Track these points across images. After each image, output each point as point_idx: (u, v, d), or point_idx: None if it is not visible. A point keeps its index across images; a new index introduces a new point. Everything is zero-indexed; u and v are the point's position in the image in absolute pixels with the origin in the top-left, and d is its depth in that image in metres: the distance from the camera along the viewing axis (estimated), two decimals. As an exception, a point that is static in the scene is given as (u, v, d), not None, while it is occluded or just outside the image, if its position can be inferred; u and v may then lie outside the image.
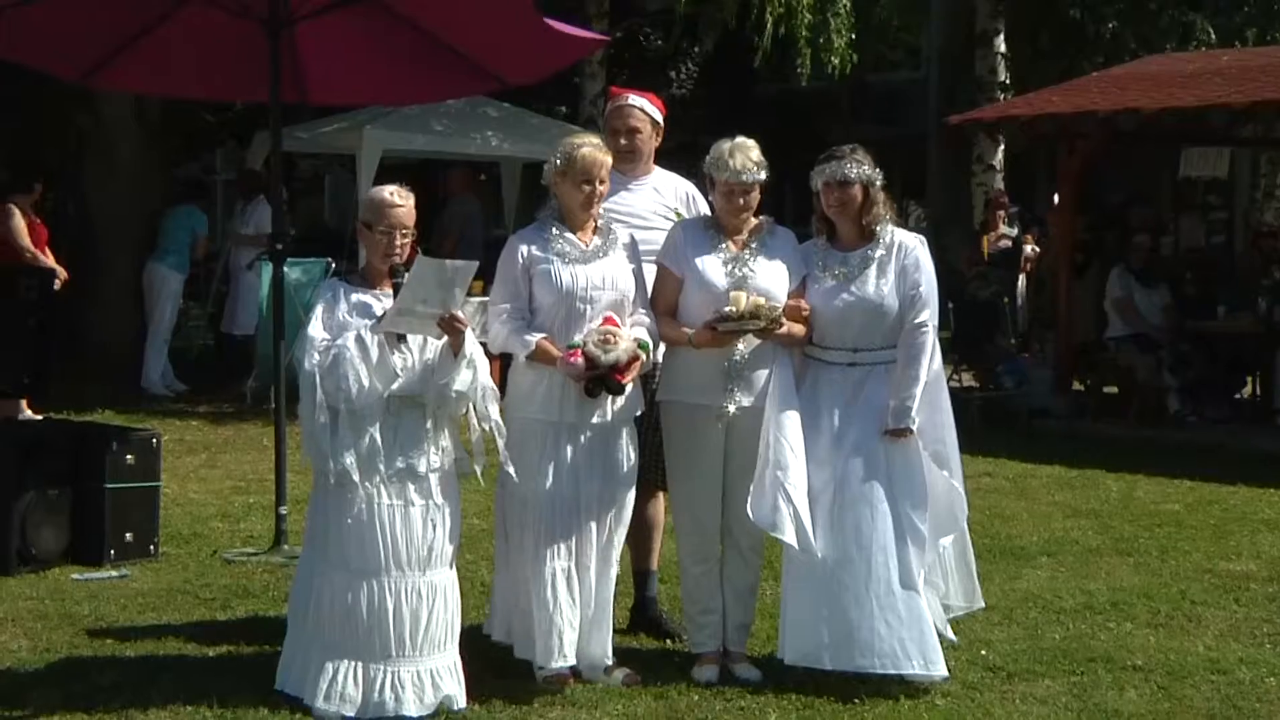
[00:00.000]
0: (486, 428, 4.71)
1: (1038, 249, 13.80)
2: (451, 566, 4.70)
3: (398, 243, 4.66)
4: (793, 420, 4.91)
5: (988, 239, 13.60)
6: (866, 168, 5.02)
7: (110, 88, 9.67)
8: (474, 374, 4.62)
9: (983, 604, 5.29)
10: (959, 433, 5.12)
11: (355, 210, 11.14)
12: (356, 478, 4.50)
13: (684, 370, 5.03)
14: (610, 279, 4.92)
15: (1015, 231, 13.91)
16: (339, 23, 7.21)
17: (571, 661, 4.84)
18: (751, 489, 4.85)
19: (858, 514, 4.87)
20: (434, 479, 4.63)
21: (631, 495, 5.01)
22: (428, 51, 7.22)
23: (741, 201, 4.98)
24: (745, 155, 4.96)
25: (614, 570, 4.99)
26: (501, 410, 4.81)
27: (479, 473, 4.77)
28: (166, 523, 7.04)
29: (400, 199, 4.68)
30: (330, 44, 7.34)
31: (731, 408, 4.95)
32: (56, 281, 9.52)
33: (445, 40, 7.16)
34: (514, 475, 4.77)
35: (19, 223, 10.32)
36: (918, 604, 4.86)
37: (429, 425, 4.62)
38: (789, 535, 4.81)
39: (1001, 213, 13.72)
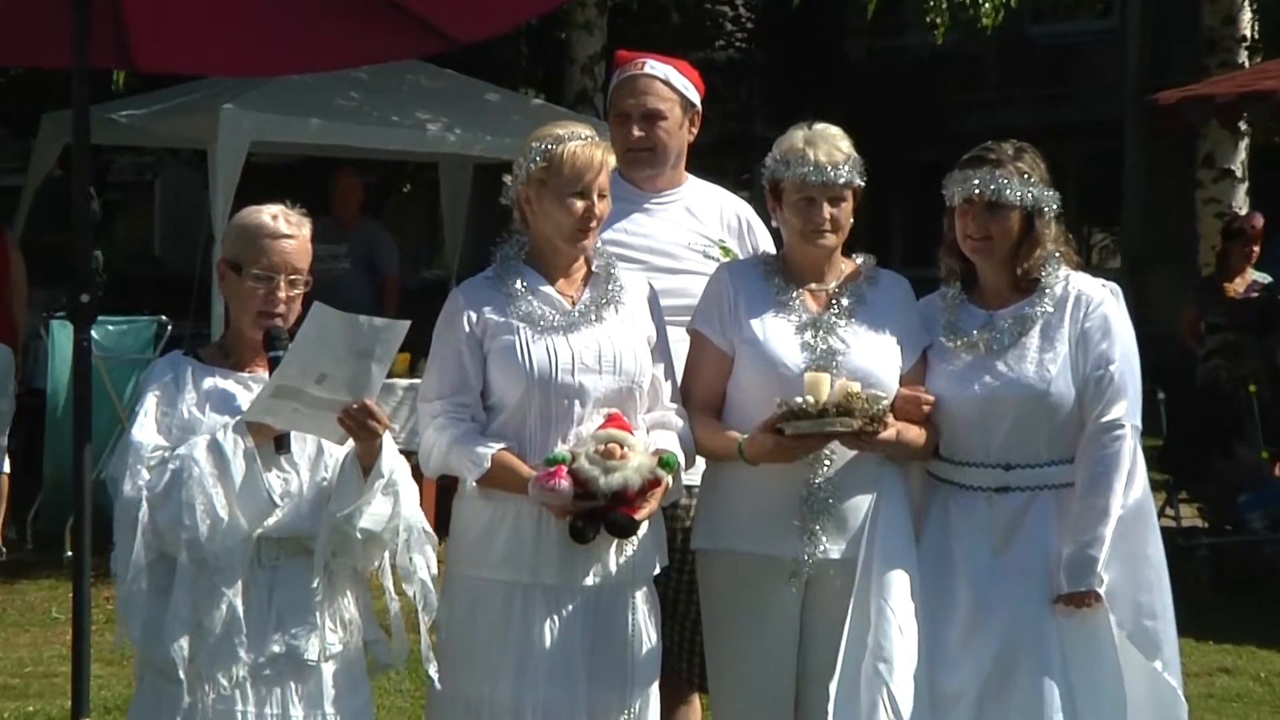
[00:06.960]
0: (411, 592, 4.71)
1: None
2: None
3: (281, 294, 4.66)
4: (904, 583, 4.95)
5: (1231, 287, 13.51)
6: (1034, 184, 5.07)
7: None
8: (394, 504, 4.63)
9: None
10: (1176, 601, 5.13)
11: (206, 239, 11.18)
12: (182, 673, 4.46)
13: (736, 502, 5.07)
14: (612, 356, 4.96)
15: (1268, 278, 13.84)
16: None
17: None
18: (837, 686, 4.86)
19: (1016, 730, 4.90)
20: (328, 672, 4.64)
21: (654, 699, 5.03)
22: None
23: (827, 214, 5.04)
24: (832, 145, 5.05)
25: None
26: (441, 565, 4.83)
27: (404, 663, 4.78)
28: (-103, 744, 7.07)
29: (288, 226, 4.70)
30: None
31: (811, 561, 4.99)
32: None
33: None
34: (435, 679, 4.79)
35: None
36: None
37: (318, 585, 4.62)
38: (889, 763, 4.85)
39: (1255, 247, 13.58)
